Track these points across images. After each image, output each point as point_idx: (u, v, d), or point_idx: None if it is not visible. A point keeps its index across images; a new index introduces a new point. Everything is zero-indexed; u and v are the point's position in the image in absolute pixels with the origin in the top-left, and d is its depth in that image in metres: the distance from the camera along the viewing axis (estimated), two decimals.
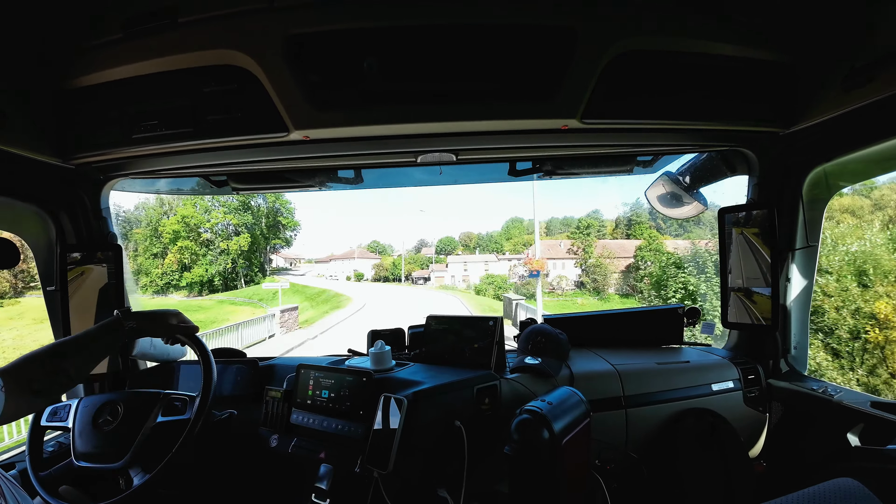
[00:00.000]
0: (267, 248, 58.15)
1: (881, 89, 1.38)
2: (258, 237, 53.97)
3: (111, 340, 1.34)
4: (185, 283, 47.67)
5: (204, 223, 47.48)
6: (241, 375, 1.92)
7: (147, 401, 1.56)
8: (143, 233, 47.48)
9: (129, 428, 1.50)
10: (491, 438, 1.63)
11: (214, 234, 48.92)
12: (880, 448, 1.52)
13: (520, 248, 64.64)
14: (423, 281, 64.75)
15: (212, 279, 48.22)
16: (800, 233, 1.93)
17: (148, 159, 1.81)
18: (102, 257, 1.92)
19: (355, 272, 68.77)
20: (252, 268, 52.56)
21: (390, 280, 67.22)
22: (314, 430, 1.58)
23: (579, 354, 2.15)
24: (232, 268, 49.43)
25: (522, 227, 76.02)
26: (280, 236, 60.03)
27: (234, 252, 49.13)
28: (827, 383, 1.89)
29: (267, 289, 35.60)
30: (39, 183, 1.75)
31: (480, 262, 62.19)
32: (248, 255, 51.87)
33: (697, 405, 1.94)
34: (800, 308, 2.02)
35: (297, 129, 1.53)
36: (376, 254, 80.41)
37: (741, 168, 2.08)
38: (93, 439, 1.48)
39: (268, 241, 57.48)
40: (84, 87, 1.61)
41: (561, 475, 1.32)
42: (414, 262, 73.20)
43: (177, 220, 46.10)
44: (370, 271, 70.58)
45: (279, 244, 61.76)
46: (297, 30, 1.40)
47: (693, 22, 1.52)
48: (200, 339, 1.57)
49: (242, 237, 50.09)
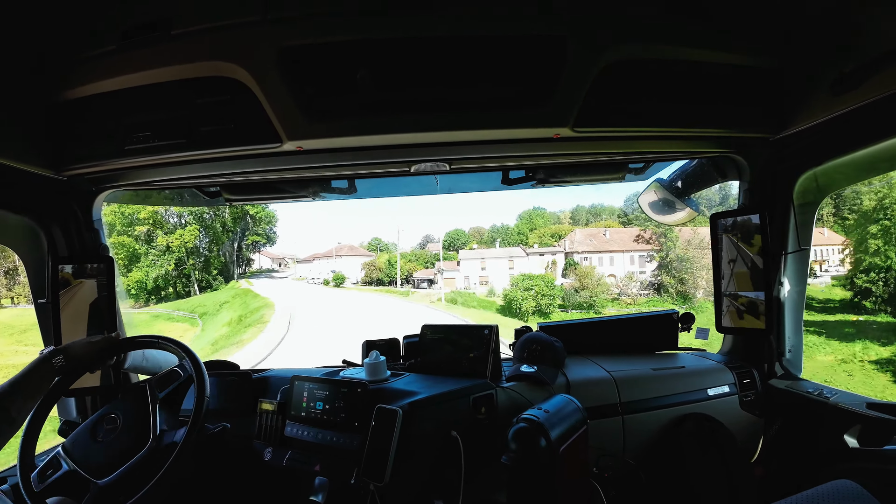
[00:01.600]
0: (234, 244, 50.72)
1: (869, 93, 1.40)
2: (217, 232, 46.84)
3: (41, 378, 1.37)
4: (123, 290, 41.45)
5: (139, 211, 38.68)
6: (234, 388, 1.90)
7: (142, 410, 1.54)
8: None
9: (119, 448, 1.47)
10: (488, 448, 1.62)
11: (152, 224, 40.60)
12: (878, 449, 1.53)
13: (546, 239, 51.78)
14: (428, 284, 50.03)
15: (160, 285, 41.09)
16: (791, 237, 1.95)
17: (141, 171, 1.80)
18: (94, 270, 1.90)
19: (334, 274, 52.74)
20: (210, 269, 44.97)
21: (385, 283, 52.41)
22: (309, 443, 1.57)
23: (575, 362, 2.14)
24: (178, 270, 41.69)
25: (547, 216, 63.91)
26: (258, 231, 53.49)
27: (178, 249, 41.00)
28: (822, 385, 1.89)
29: (223, 298, 31.80)
30: (31, 194, 1.74)
31: (503, 258, 47.27)
32: (205, 254, 44.85)
33: (694, 410, 1.94)
34: (793, 311, 2.03)
35: (290, 139, 1.53)
36: (374, 252, 63.54)
37: (732, 174, 2.10)
38: (89, 452, 1.45)
39: (234, 236, 50.04)
40: (77, 99, 1.60)
41: (559, 484, 1.31)
42: (416, 259, 56.53)
43: (111, 211, 36.74)
44: (360, 272, 54.97)
45: (259, 241, 55.49)
46: (291, 42, 1.41)
47: (682, 30, 1.54)
48: (193, 351, 1.55)
49: (188, 230, 41.73)
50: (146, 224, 39.76)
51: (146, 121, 1.59)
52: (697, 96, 1.66)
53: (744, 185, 2.05)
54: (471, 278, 46.49)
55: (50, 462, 1.44)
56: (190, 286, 43.50)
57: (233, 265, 51.73)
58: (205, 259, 45.49)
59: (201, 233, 45.47)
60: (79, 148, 1.66)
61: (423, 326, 2.04)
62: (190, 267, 42.53)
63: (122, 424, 1.48)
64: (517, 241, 58.13)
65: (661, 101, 1.64)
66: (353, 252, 60.33)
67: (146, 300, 40.50)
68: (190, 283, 43.34)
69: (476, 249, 53.96)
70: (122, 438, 1.45)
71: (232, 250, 51.59)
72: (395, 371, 1.88)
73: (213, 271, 45.82)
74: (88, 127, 1.64)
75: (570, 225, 58.43)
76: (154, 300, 41.01)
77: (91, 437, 1.47)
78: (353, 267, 55.85)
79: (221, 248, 49.23)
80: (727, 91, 1.68)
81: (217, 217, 47.02)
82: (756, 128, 1.77)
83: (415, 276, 51.59)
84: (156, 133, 1.58)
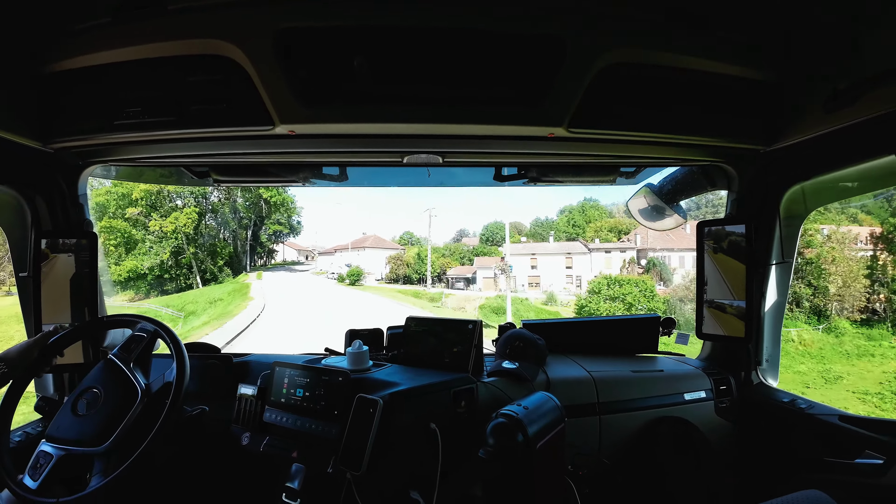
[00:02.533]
0: (248, 232, 44.70)
1: (862, 112, 1.42)
2: (227, 218, 41.38)
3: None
4: (114, 280, 32.79)
5: (135, 189, 33.31)
6: (214, 371, 1.88)
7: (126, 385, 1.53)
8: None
9: (109, 413, 1.46)
10: (466, 442, 1.63)
11: (149, 207, 34.91)
12: (848, 461, 1.56)
13: (605, 234, 42.91)
14: (465, 284, 40.57)
15: (161, 274, 35.27)
16: (776, 248, 1.98)
17: (129, 146, 1.77)
18: (77, 245, 1.87)
19: (349, 269, 43.09)
20: (215, 259, 38.71)
21: (413, 281, 43.05)
22: (287, 429, 1.56)
23: (556, 360, 2.16)
24: (175, 259, 35.72)
25: (602, 209, 51.85)
26: (279, 220, 47.10)
27: (172, 235, 35.06)
28: (796, 396, 1.93)
29: (222, 292, 29.39)
30: (17, 166, 1.70)
31: (559, 255, 38.08)
32: (210, 242, 38.52)
33: (670, 414, 1.97)
34: (773, 322, 2.07)
35: (282, 123, 1.51)
36: (404, 246, 52.94)
37: (721, 183, 2.13)
38: (72, 425, 1.44)
39: (245, 224, 44.07)
40: (68, 71, 1.57)
41: (535, 479, 1.33)
42: (451, 254, 47.23)
43: (105, 191, 33.51)
44: (384, 266, 45.95)
45: (281, 231, 49.47)
46: (289, 24, 1.39)
47: (681, 37, 1.55)
48: (173, 331, 1.54)
49: (184, 213, 35.37)
50: (140, 205, 34.65)
51: (137, 96, 1.55)
52: (692, 104, 1.67)
53: (732, 195, 2.08)
54: (518, 278, 37.56)
55: (37, 458, 1.42)
56: (192, 278, 37.43)
57: (245, 255, 45.85)
58: (210, 248, 39.44)
59: (205, 217, 39.44)
60: (67, 121, 1.63)
61: (407, 318, 2.04)
62: (189, 256, 36.63)
63: (103, 394, 1.47)
64: (570, 235, 48.89)
65: (656, 107, 1.65)
66: (378, 244, 51.74)
67: (147, 292, 35.20)
68: (192, 275, 37.32)
69: (525, 242, 44.49)
70: (108, 406, 1.45)
71: (245, 239, 45.58)
72: (377, 361, 1.88)
73: (218, 262, 39.52)
74: (78, 100, 1.61)
75: (623, 218, 47.08)
76: (156, 293, 35.50)
77: (73, 414, 1.46)
78: (377, 261, 47.47)
79: (231, 235, 43.16)
80: (721, 101, 1.69)
81: (226, 202, 41.15)
82: (748, 139, 1.78)
83: (449, 274, 43.17)
84: (146, 109, 1.56)
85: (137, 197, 33.86)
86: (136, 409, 1.43)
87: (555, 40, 1.46)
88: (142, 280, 34.77)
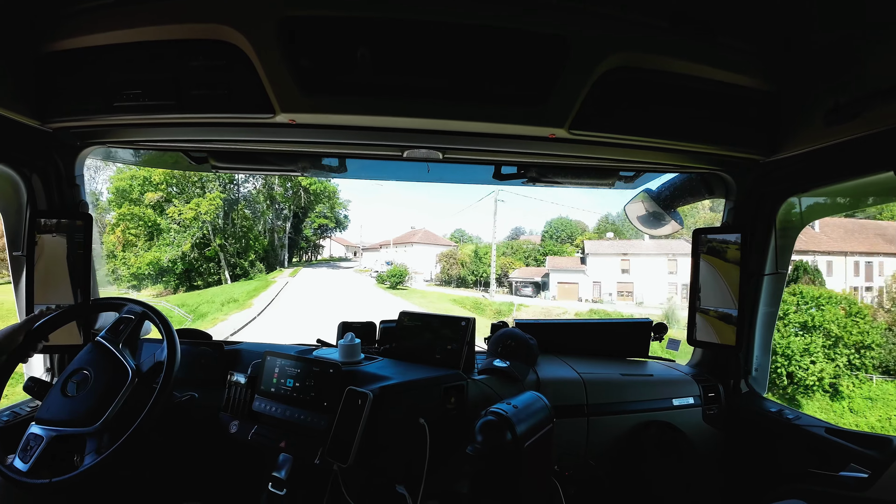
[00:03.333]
0: (287, 224, 40.55)
1: (862, 127, 1.43)
2: (262, 209, 37.43)
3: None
4: (131, 274, 29.89)
5: (154, 173, 29.76)
6: (204, 358, 1.88)
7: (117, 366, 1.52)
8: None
9: (99, 393, 1.46)
10: (454, 438, 1.64)
11: (166, 190, 31.04)
12: (833, 473, 1.58)
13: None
14: (534, 290, 33.35)
15: (186, 268, 31.32)
16: (770, 259, 1.98)
17: (128, 129, 1.76)
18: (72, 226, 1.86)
19: (390, 268, 35.59)
20: (246, 253, 34.61)
21: (468, 283, 36.35)
22: (276, 419, 1.56)
23: (547, 360, 2.17)
24: (200, 252, 31.79)
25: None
26: (325, 214, 44.15)
27: (191, 223, 30.74)
28: (784, 406, 1.94)
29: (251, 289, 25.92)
30: (14, 144, 1.69)
31: (659, 256, 29.78)
32: (240, 233, 34.11)
33: (657, 418, 1.98)
34: (764, 331, 2.08)
35: (283, 111, 1.50)
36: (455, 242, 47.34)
37: (719, 191, 2.13)
38: (62, 407, 1.44)
39: (289, 216, 40.57)
40: (69, 51, 1.55)
41: (521, 478, 1.34)
42: (513, 252, 39.50)
43: (130, 175, 30.21)
44: (433, 265, 38.98)
45: (327, 225, 46.43)
46: (294, 12, 1.38)
47: (685, 44, 1.55)
48: (165, 316, 1.54)
49: (206, 199, 31.17)
50: (161, 189, 30.91)
51: (137, 79, 1.54)
52: (693, 112, 1.67)
53: (729, 203, 2.09)
54: (604, 285, 30.14)
55: (27, 440, 1.41)
56: (220, 272, 33.50)
57: (283, 250, 41.95)
58: (242, 240, 35.26)
59: (237, 207, 34.68)
60: (66, 101, 1.61)
61: (400, 313, 2.05)
62: (215, 248, 32.39)
63: (93, 375, 1.47)
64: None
65: (657, 113, 1.65)
66: (429, 239, 45.41)
67: (175, 286, 31.58)
68: (220, 269, 33.35)
69: (612, 240, 35.12)
70: (98, 386, 1.45)
71: (283, 232, 41.59)
72: (369, 355, 1.88)
73: (249, 255, 35.32)
74: (78, 80, 1.59)
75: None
76: (184, 288, 31.65)
77: (63, 395, 1.45)
78: (427, 259, 40.73)
79: (267, 227, 39.18)
80: (722, 110, 1.69)
81: (261, 191, 36.94)
82: (748, 149, 1.79)
83: (513, 277, 35.12)
84: (146, 92, 1.54)
85: (158, 181, 30.82)
86: (126, 389, 1.43)
87: (559, 40, 1.46)
88: (170, 274, 31.56)
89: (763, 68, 1.64)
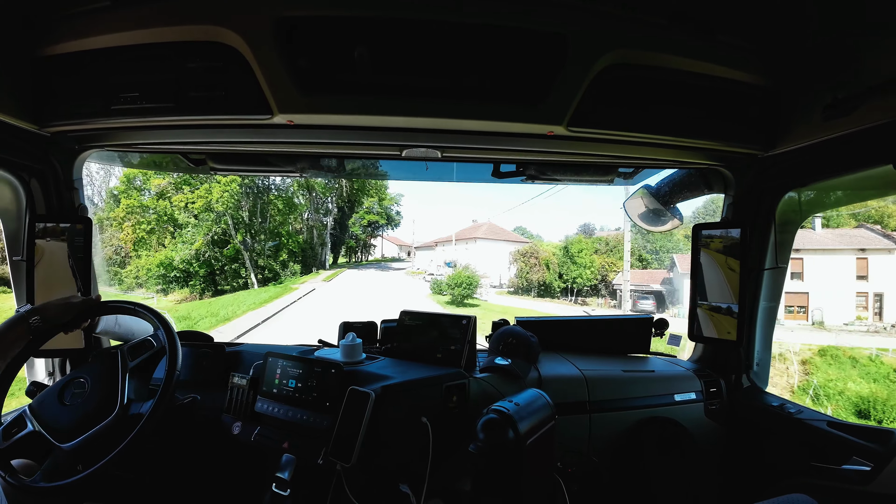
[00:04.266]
0: (329, 220, 35.68)
1: (860, 121, 1.43)
2: (299, 200, 32.60)
3: (16, 337, 1.33)
4: (138, 277, 25.51)
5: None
6: (206, 360, 1.88)
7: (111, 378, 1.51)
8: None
9: (93, 404, 1.45)
10: (457, 436, 1.64)
11: (173, 179, 26.08)
12: (835, 467, 1.58)
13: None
14: (654, 301, 26.74)
15: (198, 270, 26.21)
16: (770, 253, 1.99)
17: (126, 132, 1.76)
18: (72, 229, 1.86)
19: (454, 272, 26.87)
20: (278, 252, 29.49)
21: (555, 292, 29.59)
22: (278, 420, 1.57)
23: (548, 358, 2.17)
24: (219, 250, 26.67)
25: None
26: (375, 210, 39.28)
27: (203, 214, 25.86)
28: (786, 400, 1.94)
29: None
30: (12, 148, 1.68)
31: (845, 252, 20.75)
32: (267, 228, 28.68)
33: (659, 414, 1.98)
34: (764, 326, 2.08)
35: (281, 112, 1.50)
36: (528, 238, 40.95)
37: (718, 186, 2.13)
38: (57, 415, 1.43)
39: (331, 211, 35.95)
40: (66, 54, 1.55)
41: (524, 476, 1.34)
42: (609, 250, 30.81)
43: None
44: (504, 267, 32.33)
45: (377, 222, 41.49)
46: (290, 12, 1.38)
47: (683, 40, 1.55)
48: (167, 318, 1.53)
49: (221, 183, 25.38)
50: (168, 176, 26.05)
51: (134, 81, 1.54)
52: (692, 108, 1.67)
53: (729, 198, 2.09)
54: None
55: (15, 420, 1.41)
56: (247, 275, 27.92)
57: (323, 249, 36.48)
58: (273, 236, 30.02)
59: (265, 196, 28.93)
60: (64, 104, 1.61)
61: (401, 312, 2.05)
62: (235, 245, 26.62)
63: (89, 389, 1.46)
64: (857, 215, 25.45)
65: (656, 109, 1.65)
66: (496, 234, 37.12)
67: (201, 292, 26.58)
68: (246, 271, 27.60)
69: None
70: (88, 403, 1.43)
71: (322, 229, 36.19)
72: (370, 354, 1.88)
73: (282, 255, 29.85)
74: (75, 84, 1.59)
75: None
76: (210, 293, 26.59)
77: (58, 399, 1.45)
78: (495, 258, 32.92)
79: (304, 221, 33.90)
80: (721, 105, 1.69)
81: (301, 183, 31.05)
82: (746, 144, 1.79)
83: (620, 283, 24.94)
84: (144, 95, 1.54)
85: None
86: (104, 424, 1.40)
87: (558, 38, 1.46)
88: (195, 276, 26.55)
89: (761, 64, 1.64)
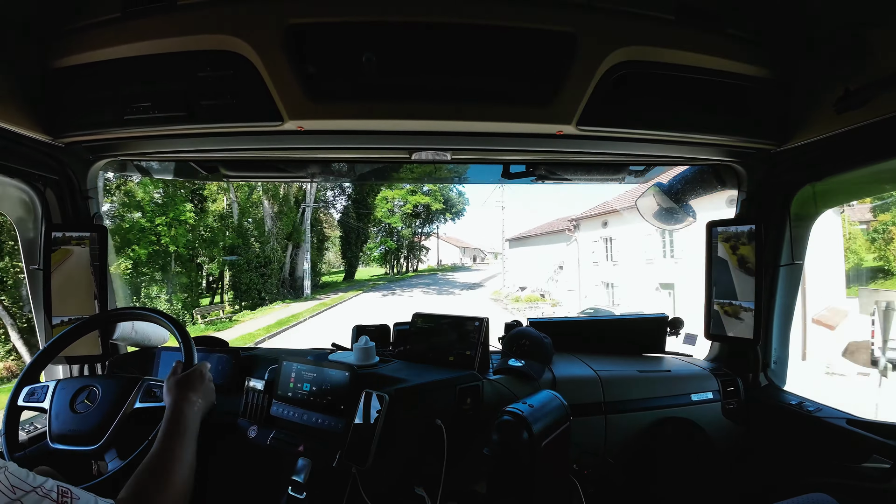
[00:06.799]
0: (307, 222, 25.16)
1: (873, 113, 1.41)
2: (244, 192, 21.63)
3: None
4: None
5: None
6: (221, 364, 1.90)
7: (126, 386, 1.54)
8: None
9: (106, 412, 1.47)
10: (471, 439, 1.63)
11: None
12: (855, 465, 1.55)
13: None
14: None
15: (244, 286, 20.86)
16: (786, 249, 1.96)
17: (139, 141, 1.79)
18: (88, 239, 1.89)
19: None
20: (320, 261, 23.54)
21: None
22: (294, 423, 1.57)
23: (562, 359, 2.15)
24: (230, 255, 19.82)
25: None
26: (429, 189, 28.47)
27: (187, 221, 17.46)
28: (804, 398, 1.91)
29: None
30: (27, 159, 1.72)
31: None
32: (291, 225, 22.88)
33: (676, 414, 1.96)
34: (782, 323, 2.05)
35: (291, 119, 1.51)
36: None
37: (731, 182, 2.11)
38: (69, 421, 1.46)
39: (301, 199, 25.02)
40: (77, 66, 1.57)
41: (539, 478, 1.33)
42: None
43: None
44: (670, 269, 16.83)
45: (429, 207, 30.13)
46: (298, 20, 1.39)
47: (692, 35, 1.53)
48: (182, 324, 1.55)
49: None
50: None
51: (146, 91, 1.56)
52: (703, 104, 1.66)
53: (742, 195, 2.06)
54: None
55: (33, 431, 1.44)
56: (268, 288, 22.26)
57: (297, 257, 25.82)
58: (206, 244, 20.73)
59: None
60: (77, 115, 1.64)
61: (414, 314, 2.05)
62: (262, 250, 21.42)
63: (101, 392, 1.50)
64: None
65: (666, 106, 1.64)
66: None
67: (236, 306, 21.60)
68: (257, 286, 21.61)
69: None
70: (98, 414, 1.46)
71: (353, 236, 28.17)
72: (384, 357, 1.89)
73: (321, 262, 23.27)
74: (88, 95, 1.61)
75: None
76: (240, 304, 21.65)
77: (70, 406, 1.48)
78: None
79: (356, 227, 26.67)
80: (732, 100, 1.67)
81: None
82: (759, 139, 1.77)
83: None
84: (156, 104, 1.56)
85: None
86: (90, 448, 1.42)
87: (566, 37, 1.45)
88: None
89: (771, 58, 1.62)
